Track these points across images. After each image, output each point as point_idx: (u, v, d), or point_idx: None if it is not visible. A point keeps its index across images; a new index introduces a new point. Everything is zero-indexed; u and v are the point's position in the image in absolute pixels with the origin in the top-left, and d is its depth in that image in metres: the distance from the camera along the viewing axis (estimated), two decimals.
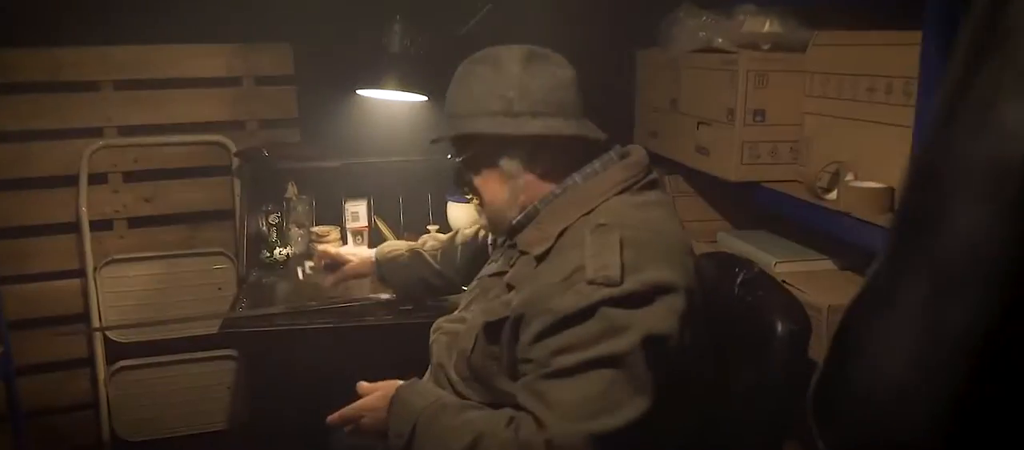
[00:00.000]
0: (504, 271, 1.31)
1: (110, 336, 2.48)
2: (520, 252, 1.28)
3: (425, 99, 2.22)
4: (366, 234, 2.38)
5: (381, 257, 1.81)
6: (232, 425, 2.58)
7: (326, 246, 1.91)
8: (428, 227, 2.33)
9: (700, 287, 1.22)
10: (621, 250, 1.13)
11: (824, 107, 1.79)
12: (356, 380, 2.04)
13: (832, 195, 1.72)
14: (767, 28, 1.88)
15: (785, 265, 1.80)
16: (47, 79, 2.35)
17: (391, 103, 2.32)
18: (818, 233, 1.79)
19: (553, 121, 1.29)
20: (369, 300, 1.94)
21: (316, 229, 2.31)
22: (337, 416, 1.35)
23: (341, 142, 2.46)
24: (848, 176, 1.71)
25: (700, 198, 2.29)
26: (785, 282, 1.63)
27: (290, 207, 2.37)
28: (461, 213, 2.29)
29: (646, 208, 1.27)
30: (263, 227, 2.26)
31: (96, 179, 2.45)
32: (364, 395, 1.36)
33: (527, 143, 1.30)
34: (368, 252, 1.87)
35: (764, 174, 1.90)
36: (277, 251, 2.23)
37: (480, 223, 1.42)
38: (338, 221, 2.37)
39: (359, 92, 2.23)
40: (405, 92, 2.15)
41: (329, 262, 1.87)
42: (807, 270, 1.80)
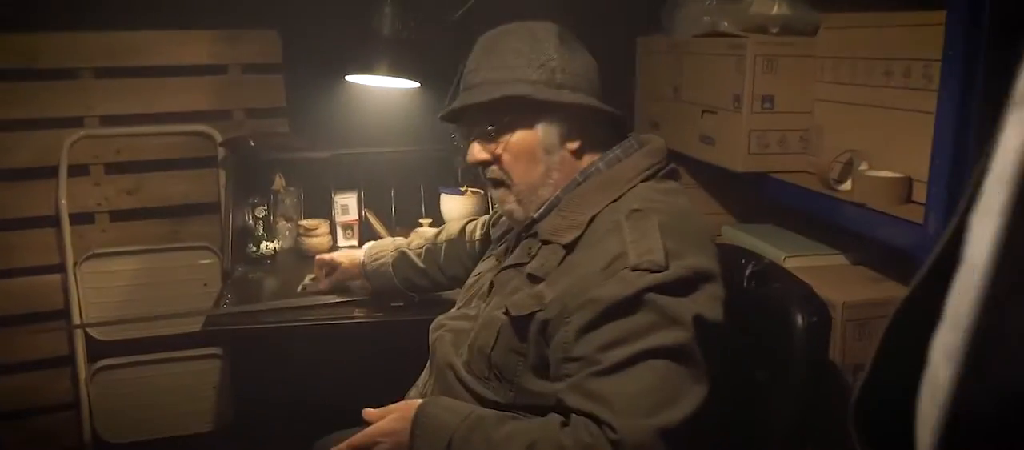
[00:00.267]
0: (523, 262, 1.24)
1: (91, 334, 2.41)
2: (542, 242, 1.22)
3: (417, 85, 2.13)
4: (356, 228, 2.30)
5: (367, 259, 1.76)
6: (218, 426, 2.51)
7: (322, 256, 1.87)
8: (420, 220, 2.26)
9: None
10: (661, 235, 1.10)
11: (836, 93, 1.72)
12: (346, 378, 1.98)
13: (845, 186, 1.65)
14: (776, 10, 1.81)
15: (795, 260, 1.72)
16: (24, 66, 2.27)
17: (382, 90, 2.24)
18: (829, 226, 1.71)
19: (590, 100, 1.26)
20: (358, 296, 1.85)
21: (304, 223, 2.23)
22: (346, 446, 1.23)
23: (330, 132, 2.39)
24: (862, 165, 1.63)
25: (703, 190, 2.20)
26: None
27: (277, 200, 2.29)
28: (455, 205, 2.20)
29: (672, 195, 1.24)
30: (249, 220, 2.18)
31: (77, 171, 2.37)
32: (372, 421, 1.23)
33: (568, 115, 1.25)
34: (357, 253, 1.82)
35: (772, 164, 1.83)
36: (264, 245, 2.15)
37: (506, 208, 1.31)
38: (327, 214, 2.30)
39: (348, 78, 2.13)
40: (397, 78, 2.06)
41: (324, 266, 1.83)
42: (818, 265, 1.72)
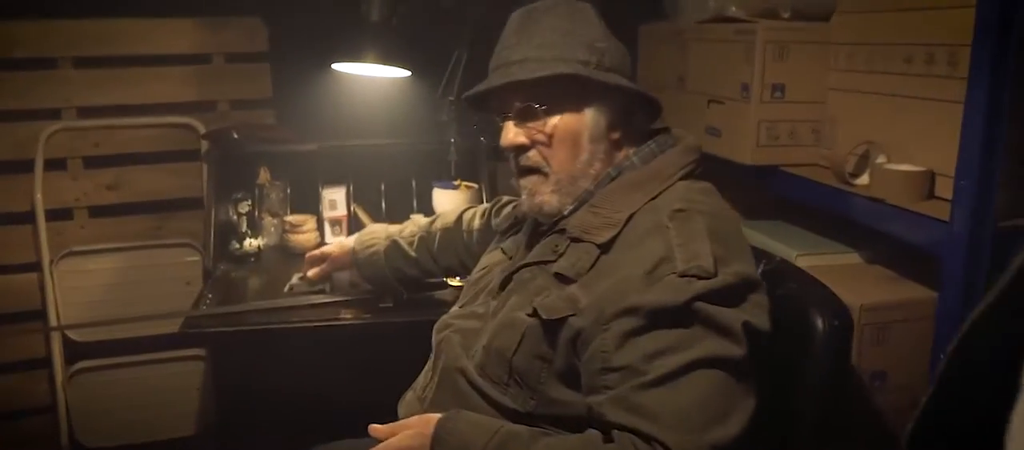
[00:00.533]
0: (547, 260, 1.15)
1: (69, 335, 2.33)
2: (571, 239, 1.13)
3: (408, 74, 2.03)
4: (345, 223, 2.21)
5: (358, 246, 1.67)
6: (201, 430, 2.42)
7: (313, 252, 1.78)
8: (412, 216, 2.15)
9: None
10: (709, 239, 1.03)
11: (851, 82, 1.63)
12: (335, 382, 1.90)
13: (862, 180, 1.56)
14: None
15: (807, 259, 1.62)
16: None
17: (372, 80, 2.14)
18: (841, 223, 1.62)
19: (640, 87, 1.19)
20: (347, 296, 1.77)
21: (290, 218, 2.13)
22: None
23: (318, 123, 2.31)
24: (880, 158, 1.54)
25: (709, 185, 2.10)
26: None
27: (262, 194, 2.20)
28: (448, 200, 2.10)
29: (710, 196, 1.16)
30: (233, 216, 2.08)
31: (53, 165, 2.30)
32: (380, 438, 1.14)
33: (614, 102, 1.17)
34: (348, 241, 1.74)
35: (783, 157, 1.75)
36: (247, 242, 2.05)
37: (536, 199, 1.19)
38: (314, 209, 2.21)
39: (335, 67, 2.03)
40: (386, 66, 1.96)
41: (315, 261, 1.74)
42: (832, 264, 1.63)
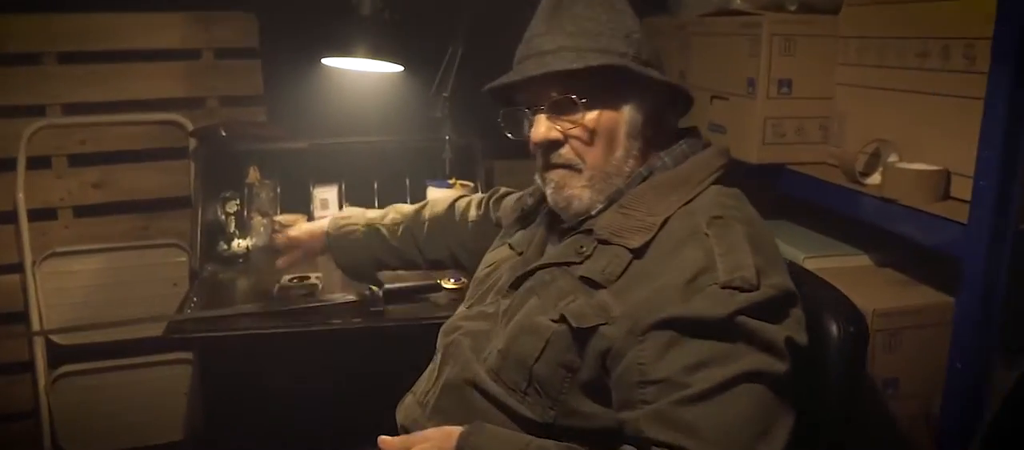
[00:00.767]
0: (571, 261, 1.08)
1: (52, 338, 2.28)
2: (599, 241, 1.07)
3: (401, 69, 1.96)
4: None
5: (333, 229, 1.58)
6: (188, 436, 2.37)
7: (281, 238, 1.65)
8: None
9: None
10: (750, 249, 0.99)
11: (861, 77, 1.57)
12: (326, 387, 1.84)
13: (873, 179, 1.50)
14: None
15: (815, 261, 1.56)
16: None
17: (365, 76, 2.08)
18: (850, 223, 1.56)
19: (679, 83, 1.14)
20: (338, 299, 1.71)
21: (280, 218, 2.08)
22: None
23: (310, 120, 2.25)
24: (891, 157, 1.48)
25: None
26: None
27: (252, 193, 2.14)
28: (442, 199, 2.04)
29: (743, 203, 1.10)
30: (221, 216, 2.01)
31: (37, 163, 2.25)
32: None
33: (651, 98, 1.11)
34: (321, 224, 1.62)
35: (789, 155, 1.69)
36: (236, 243, 1.99)
37: (566, 193, 1.12)
38: (305, 209, 2.15)
39: (325, 62, 1.97)
40: (377, 61, 1.90)
41: (287, 247, 1.63)
42: (840, 267, 1.57)
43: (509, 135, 1.17)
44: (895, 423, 1.40)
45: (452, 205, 1.56)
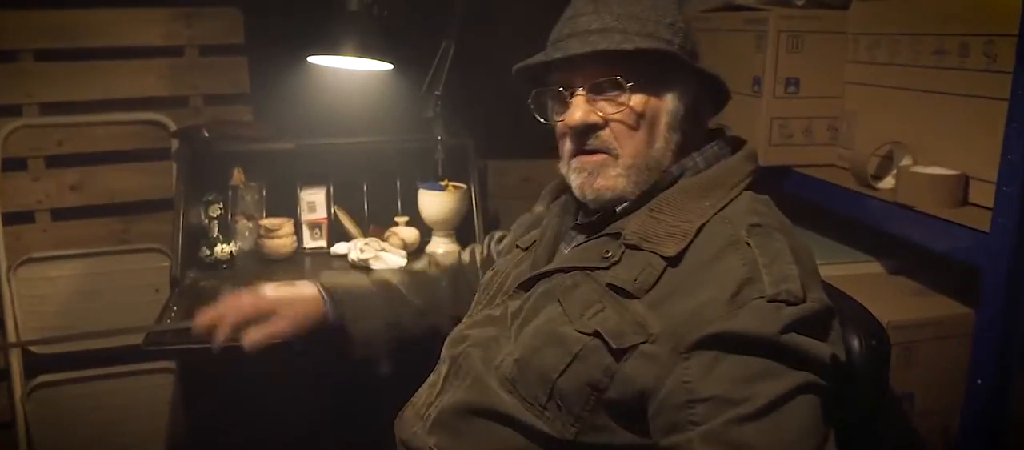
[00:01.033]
0: (596, 266, 1.02)
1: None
2: (627, 246, 1.01)
3: (391, 68, 1.89)
4: (324, 227, 2.07)
5: (330, 285, 1.34)
6: (171, 447, 2.29)
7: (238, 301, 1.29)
8: (396, 218, 2.03)
9: None
10: (793, 260, 0.94)
11: (872, 75, 1.51)
12: (315, 398, 1.78)
13: (885, 183, 1.43)
14: None
15: (824, 269, 1.46)
16: None
17: (355, 74, 2.00)
18: (858, 227, 1.50)
19: (720, 76, 1.08)
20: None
21: (266, 222, 2.00)
22: None
23: (297, 120, 2.17)
24: (905, 160, 1.41)
25: None
26: None
27: (236, 196, 2.06)
28: (435, 202, 1.98)
29: (775, 210, 1.05)
30: (203, 220, 1.93)
31: (13, 164, 2.20)
32: None
33: (696, 90, 1.07)
34: (301, 286, 1.34)
35: (797, 157, 1.64)
36: (219, 248, 1.91)
37: (599, 182, 1.05)
38: (292, 212, 2.07)
39: (311, 60, 1.89)
40: (365, 59, 1.82)
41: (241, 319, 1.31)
42: (851, 274, 1.51)
43: (540, 118, 1.11)
44: (912, 441, 1.34)
45: (457, 260, 1.46)
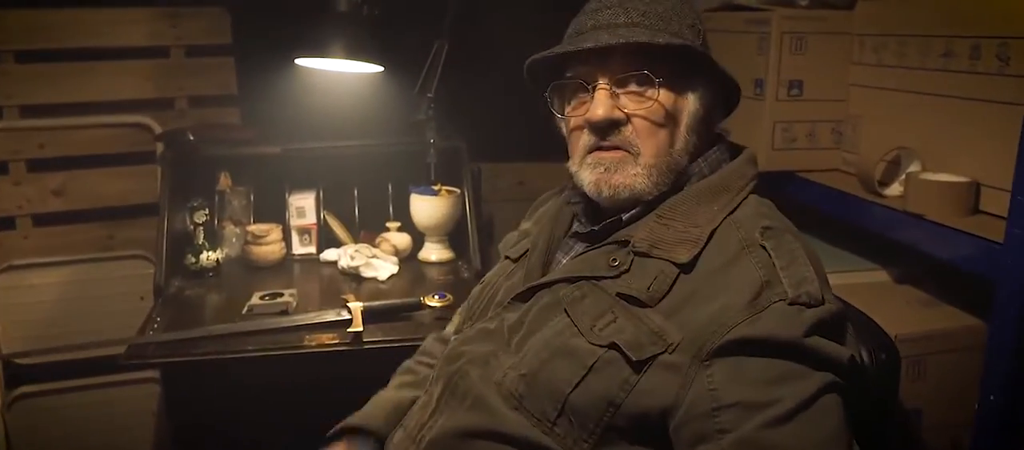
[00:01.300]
0: (603, 276, 1.00)
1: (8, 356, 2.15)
2: (636, 254, 0.99)
3: (381, 70, 1.83)
4: (314, 233, 2.02)
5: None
6: None
7: None
8: (388, 224, 1.98)
9: None
10: (809, 262, 0.93)
11: (878, 77, 1.47)
12: (301, 413, 1.72)
13: (892, 189, 1.39)
14: None
15: (829, 277, 1.44)
16: None
17: (344, 76, 1.95)
18: (862, 233, 1.46)
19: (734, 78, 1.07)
20: (309, 320, 1.59)
21: (253, 228, 1.95)
22: None
23: (286, 123, 2.13)
24: (913, 165, 1.36)
25: None
26: None
27: (223, 201, 2.01)
28: (427, 207, 1.93)
29: (778, 213, 1.03)
30: (189, 226, 1.88)
31: None
32: None
33: (713, 93, 1.05)
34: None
35: (800, 161, 1.60)
36: (205, 255, 1.86)
37: (617, 180, 1.02)
38: (280, 218, 2.02)
39: (298, 62, 1.84)
40: (354, 61, 1.77)
41: None
42: (856, 283, 1.46)
43: (557, 114, 1.08)
44: None
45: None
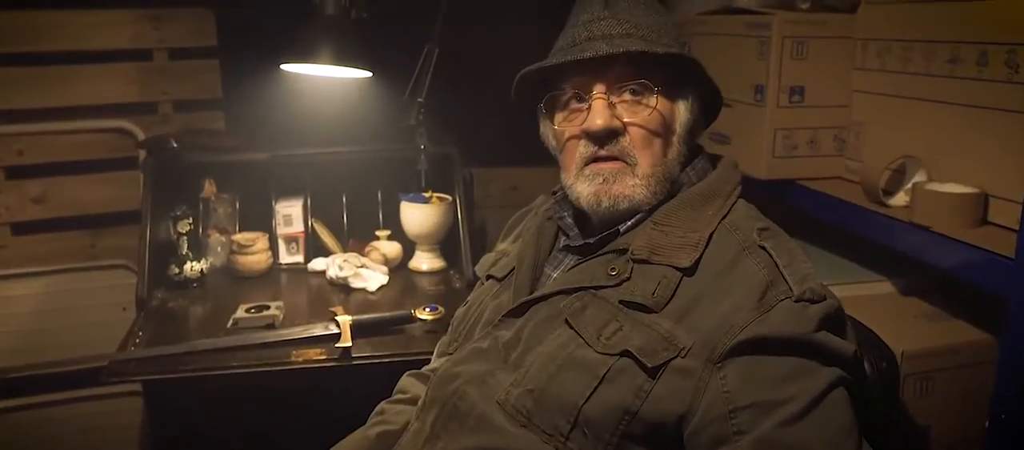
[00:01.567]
0: (602, 285, 0.99)
1: None
2: (635, 261, 0.99)
3: (369, 75, 1.79)
4: (301, 242, 1.97)
5: None
6: None
7: None
8: (377, 232, 1.94)
9: None
10: (807, 259, 0.97)
11: (882, 83, 1.44)
12: (287, 431, 1.68)
13: (897, 199, 1.35)
14: None
15: (832, 289, 1.40)
16: None
17: (332, 80, 1.89)
18: (863, 242, 1.43)
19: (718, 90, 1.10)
20: (296, 335, 1.55)
21: (239, 237, 1.91)
22: None
23: (273, 128, 2.08)
24: (919, 175, 1.33)
25: None
26: None
27: (208, 209, 1.96)
28: (418, 215, 1.88)
29: (763, 215, 1.05)
30: (172, 236, 1.83)
31: None
32: None
33: (701, 103, 1.08)
34: None
35: (801, 170, 1.56)
36: (189, 266, 1.81)
37: (616, 190, 1.02)
38: (267, 226, 1.97)
39: (284, 68, 1.79)
40: (342, 67, 1.72)
41: None
42: (859, 295, 1.42)
43: (558, 127, 1.07)
44: None
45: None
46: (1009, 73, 1.17)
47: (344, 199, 2.04)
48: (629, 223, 1.03)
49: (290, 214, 1.98)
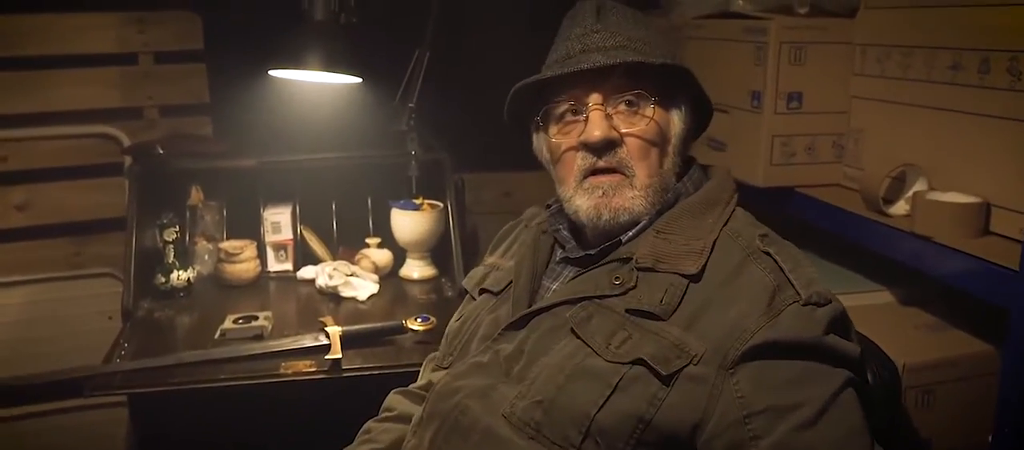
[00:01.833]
0: (606, 294, 1.00)
1: None
2: (640, 270, 0.99)
3: (359, 80, 1.76)
4: (290, 249, 1.94)
5: None
6: None
7: None
8: (367, 240, 1.91)
9: None
10: (809, 263, 0.97)
11: (882, 90, 1.42)
12: (277, 441, 1.65)
13: (897, 208, 1.33)
14: None
15: None
16: None
17: (321, 86, 1.86)
18: (869, 253, 1.39)
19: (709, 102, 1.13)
20: (285, 346, 1.52)
21: (226, 245, 1.87)
22: None
23: (261, 133, 2.05)
24: (919, 183, 1.31)
25: None
26: None
27: (195, 217, 1.93)
28: (409, 223, 1.86)
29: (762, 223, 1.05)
30: (158, 244, 1.79)
31: None
32: None
33: (694, 115, 1.09)
34: None
35: (799, 177, 1.54)
36: (175, 275, 1.78)
37: (615, 202, 1.03)
38: (255, 234, 1.94)
39: (273, 73, 1.76)
40: (332, 72, 1.69)
41: None
42: (860, 305, 1.40)
43: (553, 140, 1.07)
44: None
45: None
46: (1012, 81, 1.15)
47: (334, 206, 2.01)
48: (631, 233, 1.04)
49: (279, 221, 1.94)
